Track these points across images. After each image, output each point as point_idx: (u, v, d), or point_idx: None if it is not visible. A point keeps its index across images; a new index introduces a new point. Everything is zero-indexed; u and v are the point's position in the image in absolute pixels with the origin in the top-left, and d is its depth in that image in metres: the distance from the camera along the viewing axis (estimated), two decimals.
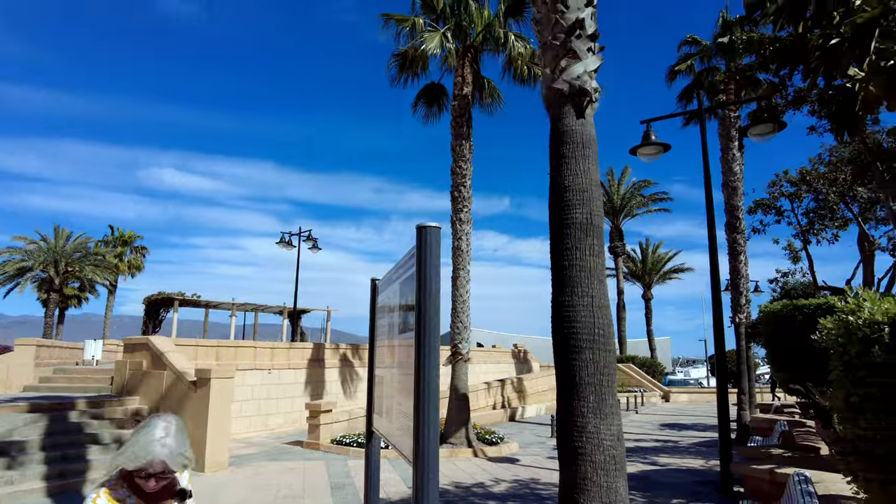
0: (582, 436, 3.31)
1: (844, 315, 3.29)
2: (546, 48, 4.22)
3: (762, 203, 15.09)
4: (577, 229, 3.65)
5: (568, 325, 3.53)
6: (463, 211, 15.00)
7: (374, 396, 4.46)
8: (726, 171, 17.03)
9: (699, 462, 12.73)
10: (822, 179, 13.44)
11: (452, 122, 15.52)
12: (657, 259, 44.64)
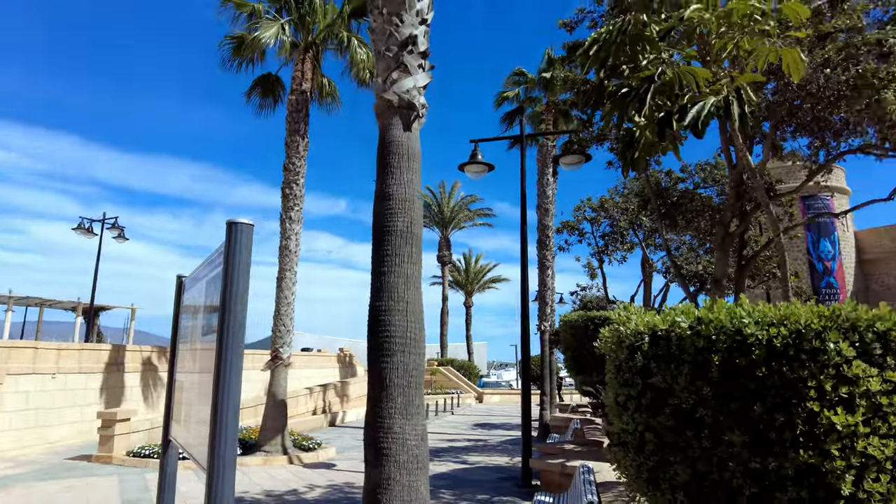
0: (388, 436, 3.42)
1: (617, 326, 3.84)
2: (380, 58, 4.32)
3: (568, 225, 16.97)
4: (397, 237, 3.79)
5: (383, 330, 3.64)
6: (294, 209, 14.56)
7: (174, 403, 4.13)
8: (541, 194, 18.79)
9: (505, 459, 13.71)
10: (616, 208, 15.56)
11: (288, 116, 15.02)
12: (479, 269, 47.53)
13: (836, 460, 2.90)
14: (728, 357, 3.21)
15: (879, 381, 2.96)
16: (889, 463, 2.93)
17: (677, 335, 3.38)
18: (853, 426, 2.92)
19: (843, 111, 6.94)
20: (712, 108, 4.55)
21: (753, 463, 3.13)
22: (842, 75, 6.38)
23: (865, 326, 3.02)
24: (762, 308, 3.27)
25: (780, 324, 3.11)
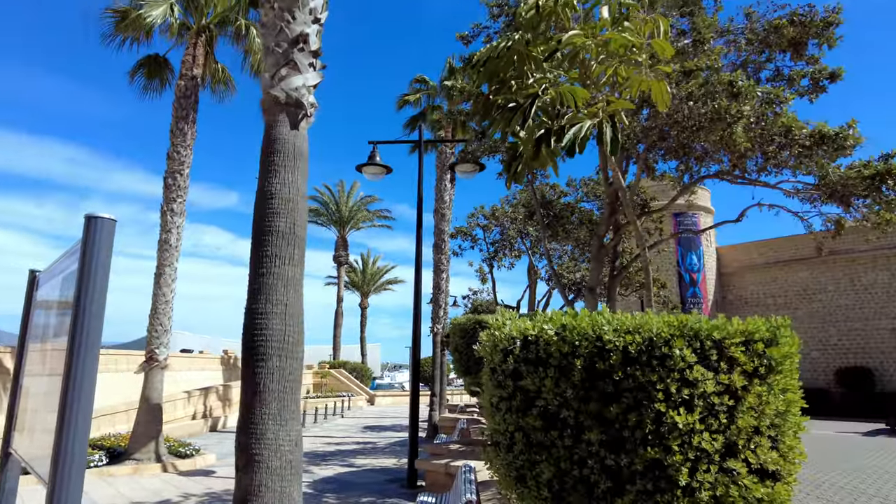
0: (260, 443, 3.33)
1: (493, 330, 4.01)
2: (269, 53, 4.20)
3: (461, 231, 17.40)
4: (279, 238, 3.70)
5: (259, 333, 3.54)
6: (176, 201, 13.69)
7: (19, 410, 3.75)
8: (439, 199, 19.10)
9: (392, 461, 13.74)
10: (506, 217, 16.19)
11: (176, 102, 14.11)
12: (376, 271, 47.29)
13: (675, 455, 3.24)
14: (589, 362, 3.47)
15: (714, 383, 3.34)
16: (717, 455, 3.31)
17: (545, 340, 3.60)
18: (691, 424, 3.27)
19: (703, 140, 7.77)
20: (588, 130, 4.88)
21: (609, 460, 3.41)
22: (702, 109, 7.15)
23: (705, 335, 3.39)
24: (621, 317, 3.58)
25: (636, 331, 3.42)
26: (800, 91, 9.03)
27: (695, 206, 27.01)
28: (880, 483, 9.36)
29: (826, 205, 9.19)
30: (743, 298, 28.04)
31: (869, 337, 24.60)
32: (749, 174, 9.07)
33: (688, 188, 10.37)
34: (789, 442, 3.68)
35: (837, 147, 7.68)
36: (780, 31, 8.51)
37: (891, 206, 8.15)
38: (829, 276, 25.85)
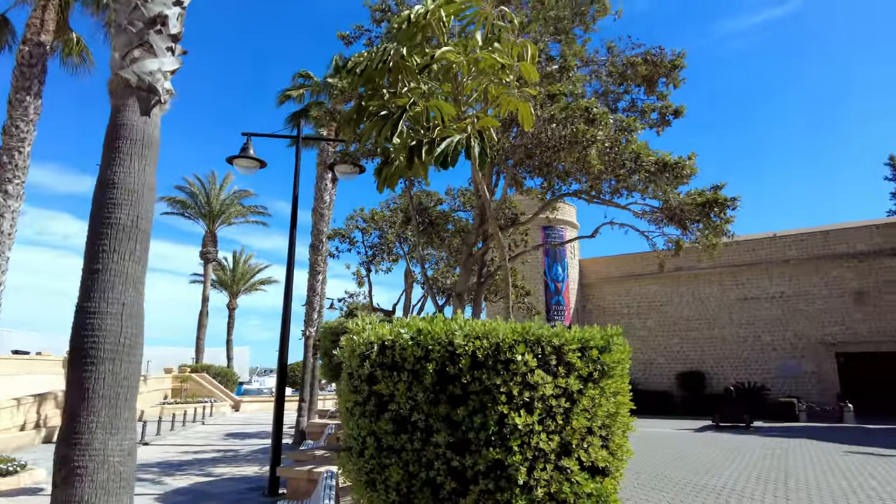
0: (85, 454, 3.04)
1: (352, 335, 4.02)
2: (121, 31, 3.88)
3: (339, 232, 17.17)
4: (119, 231, 3.41)
5: (90, 334, 3.24)
6: (13, 182, 12.13)
7: None
8: (318, 198, 18.66)
9: (254, 469, 13.14)
10: (385, 221, 16.24)
11: (17, 70, 12.52)
12: (248, 269, 45.06)
13: (516, 455, 3.45)
14: (441, 366, 3.60)
15: (553, 386, 3.61)
16: (553, 455, 3.58)
17: (401, 345, 3.68)
18: (531, 425, 3.51)
19: (563, 160, 8.40)
20: (459, 144, 5.03)
21: (455, 461, 3.55)
22: (562, 131, 7.75)
23: (546, 341, 3.66)
24: (472, 323, 3.75)
25: (484, 337, 3.60)
26: (650, 123, 10.12)
27: (561, 221, 28.94)
28: (701, 473, 10.59)
29: (668, 226, 10.35)
30: (601, 307, 30.46)
31: (704, 344, 27.83)
32: (604, 195, 9.96)
33: (549, 204, 11.11)
34: (618, 440, 4.07)
35: (677, 175, 8.72)
36: (635, 68, 9.48)
37: (717, 231, 9.39)
38: (675, 290, 28.91)
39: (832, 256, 25.79)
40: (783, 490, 8.97)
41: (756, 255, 27.45)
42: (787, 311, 26.33)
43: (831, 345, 25.26)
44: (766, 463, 11.66)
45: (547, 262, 28.87)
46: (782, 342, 26.23)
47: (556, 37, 9.58)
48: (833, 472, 10.51)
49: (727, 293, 27.76)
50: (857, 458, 12.30)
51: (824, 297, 25.73)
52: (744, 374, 26.60)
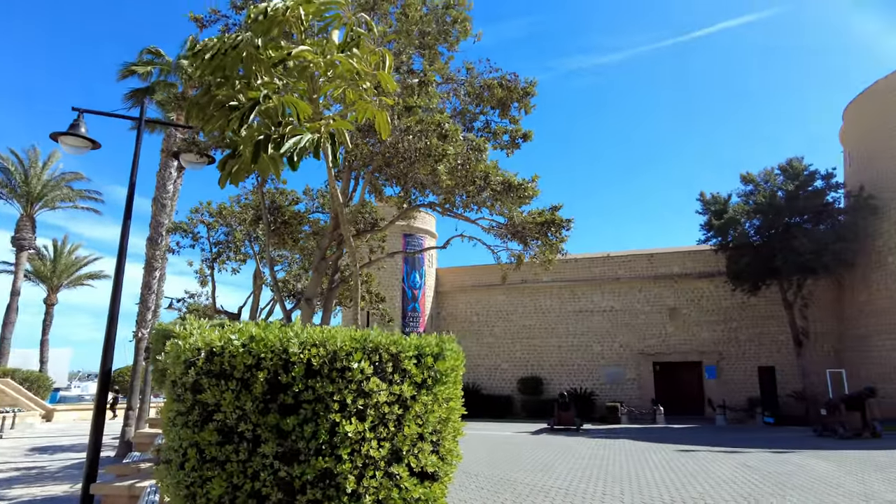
0: None
1: (178, 340, 3.74)
2: None
3: (182, 226, 15.89)
4: None
5: None
6: None
7: None
8: (160, 187, 17.13)
9: (64, 488, 11.65)
10: (234, 217, 15.35)
11: None
12: (72, 261, 39.92)
13: (345, 463, 3.45)
14: (273, 374, 3.49)
15: (387, 394, 3.66)
16: (383, 462, 3.64)
17: (230, 352, 3.50)
18: (362, 433, 3.53)
19: (418, 172, 8.64)
20: (308, 144, 4.94)
21: (283, 471, 3.45)
22: (417, 143, 7.96)
23: (384, 349, 3.71)
24: (309, 330, 3.68)
25: (321, 345, 3.56)
26: (501, 144, 10.77)
27: (421, 230, 29.65)
28: (536, 473, 11.37)
29: (512, 242, 11.06)
30: (454, 315, 31.57)
31: (542, 352, 30.02)
32: (456, 208, 10.39)
33: (405, 213, 11.33)
34: (449, 445, 4.23)
35: (521, 195, 9.38)
36: (492, 90, 10.04)
37: (553, 248, 10.24)
38: (520, 300, 30.88)
39: (654, 277, 29.26)
40: (602, 485, 9.93)
41: (591, 272, 30.25)
42: (615, 324, 29.31)
43: (650, 355, 28.57)
44: (592, 462, 12.83)
45: (406, 270, 29.27)
46: (610, 352, 29.12)
47: (420, 51, 9.82)
48: (644, 467, 11.86)
49: (565, 305, 30.23)
50: (664, 454, 14.00)
51: (646, 313, 29.07)
52: (577, 380, 29.07)
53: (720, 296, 28.17)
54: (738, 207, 24.61)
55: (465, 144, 8.62)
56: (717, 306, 28.27)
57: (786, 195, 23.69)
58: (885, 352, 22.69)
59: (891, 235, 23.06)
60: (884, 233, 23.35)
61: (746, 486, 9.52)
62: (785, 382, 26.60)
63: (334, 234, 10.16)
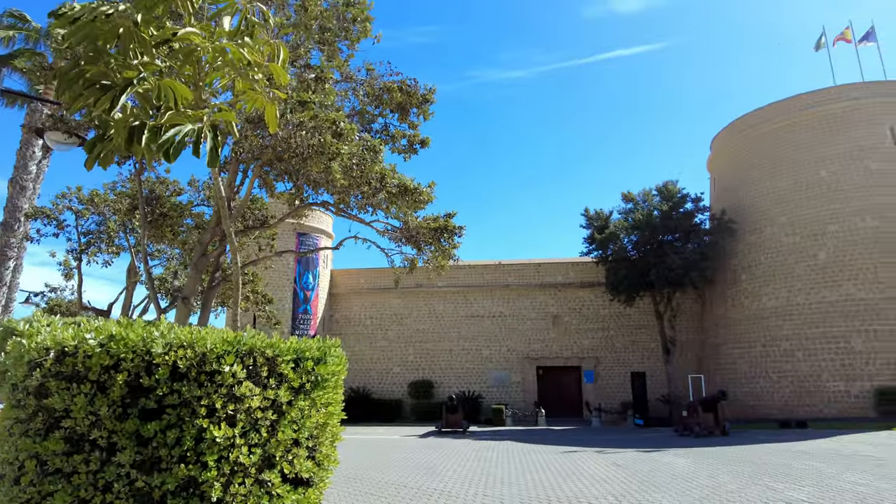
0: None
1: (21, 339, 3.35)
2: None
3: (44, 211, 14.32)
4: None
5: None
6: None
7: None
8: (20, 167, 15.35)
9: None
10: (107, 205, 14.07)
11: None
12: None
13: (211, 470, 3.26)
14: (134, 377, 3.23)
15: (261, 398, 3.52)
16: (254, 468, 3.49)
17: (85, 353, 3.20)
18: (231, 438, 3.36)
19: (310, 169, 8.44)
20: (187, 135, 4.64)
21: (140, 481, 3.20)
22: (310, 139, 7.77)
23: (259, 352, 3.57)
24: (178, 330, 3.46)
25: (190, 346, 3.35)
26: (399, 148, 10.79)
27: (317, 230, 28.92)
28: (420, 476, 11.43)
29: (406, 246, 11.11)
30: (348, 318, 31.09)
31: (435, 355, 30.41)
32: (351, 209, 10.25)
33: (295, 211, 11.01)
34: (326, 451, 4.15)
35: (416, 199, 9.46)
36: (391, 94, 10.03)
37: (445, 254, 10.42)
38: (415, 304, 31.09)
39: (541, 285, 30.69)
40: (483, 487, 10.19)
41: (484, 278, 31.16)
42: (503, 330, 30.36)
43: (534, 359, 29.87)
44: (476, 464, 13.13)
45: (298, 270, 28.37)
46: (498, 356, 30.09)
47: (320, 46, 9.58)
48: (525, 468, 12.33)
49: (458, 310, 30.87)
50: (544, 455, 14.65)
51: (532, 319, 30.39)
52: (466, 383, 29.73)
53: (599, 305, 30.13)
54: (618, 224, 26.49)
55: (360, 144, 8.53)
56: (597, 315, 30.21)
57: (661, 215, 25.86)
58: (734, 359, 25.39)
59: (744, 256, 25.87)
60: (738, 253, 26.15)
61: (616, 483, 10.21)
62: (654, 387, 28.95)
63: (217, 229, 9.58)
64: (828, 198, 23.65)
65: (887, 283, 21.79)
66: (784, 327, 23.57)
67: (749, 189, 26.51)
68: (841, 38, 26.40)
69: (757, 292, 24.90)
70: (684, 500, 8.63)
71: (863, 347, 21.57)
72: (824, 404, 21.83)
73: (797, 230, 24.12)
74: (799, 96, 25.79)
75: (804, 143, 24.95)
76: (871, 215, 22.74)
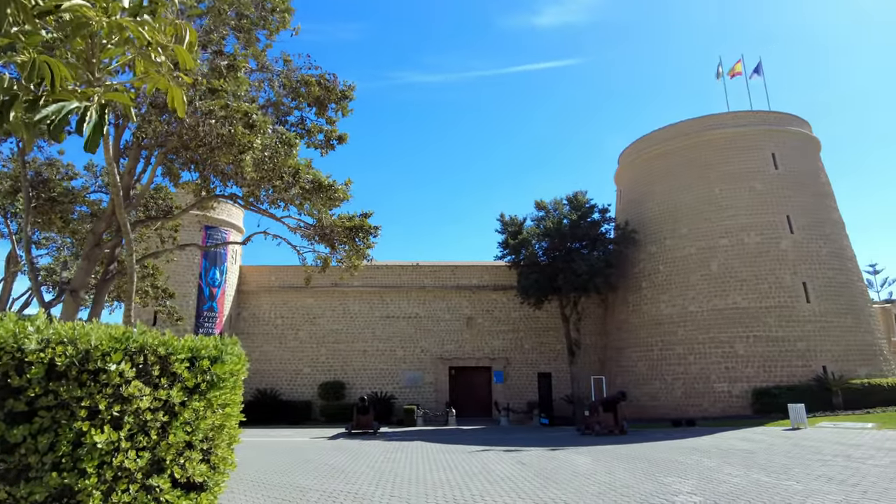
0: None
1: None
2: None
3: None
4: None
5: None
6: None
7: None
8: None
9: None
10: None
11: None
12: None
13: (90, 478, 3.02)
14: (2, 376, 2.93)
15: (151, 399, 3.31)
16: (141, 474, 3.27)
17: None
18: (116, 442, 3.13)
19: (219, 160, 8.04)
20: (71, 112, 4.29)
21: (2, 492, 2.91)
22: (220, 129, 7.41)
23: (151, 350, 3.35)
24: (58, 326, 3.18)
25: (71, 343, 3.09)
26: (316, 143, 10.52)
27: (226, 223, 27.62)
28: (327, 478, 11.21)
29: (319, 244, 10.83)
30: (257, 317, 29.93)
31: (348, 356, 29.96)
32: (262, 203, 9.86)
33: (201, 202, 10.44)
34: (222, 453, 3.96)
35: (331, 197, 9.25)
36: (309, 87, 9.76)
37: (360, 254, 10.28)
38: (329, 304, 30.48)
39: (456, 287, 31.10)
40: (391, 488, 10.14)
41: (400, 279, 31.12)
42: (418, 330, 30.46)
43: (447, 360, 30.19)
44: (385, 465, 13.04)
45: (205, 265, 26.97)
46: (412, 357, 30.14)
47: (236, 33, 9.15)
48: (433, 468, 12.41)
49: (374, 311, 30.62)
50: (452, 455, 14.81)
51: (447, 320, 30.72)
52: (379, 384, 29.53)
53: (511, 307, 30.98)
54: (531, 230, 27.39)
55: (274, 137, 8.21)
56: (508, 317, 31.04)
57: (570, 223, 27.01)
58: (634, 362, 26.95)
59: (645, 265, 27.54)
60: (640, 262, 27.80)
61: (520, 481, 10.51)
62: (560, 387, 30.13)
63: (113, 217, 8.85)
64: (720, 214, 25.68)
65: (765, 293, 23.96)
66: (679, 332, 25.29)
67: (651, 202, 28.26)
68: (734, 73, 28.80)
69: (655, 299, 26.56)
70: (583, 495, 9.04)
71: (744, 351, 23.57)
72: (710, 404, 23.63)
73: (693, 242, 25.99)
74: (697, 119, 27.85)
75: (701, 163, 26.95)
76: (755, 231, 24.93)
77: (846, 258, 25.60)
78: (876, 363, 23.87)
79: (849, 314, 24.15)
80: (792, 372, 22.78)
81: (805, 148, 27.24)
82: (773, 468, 10.88)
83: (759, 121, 27.09)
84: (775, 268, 24.23)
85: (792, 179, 25.85)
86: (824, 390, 21.55)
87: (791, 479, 9.71)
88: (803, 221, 25.06)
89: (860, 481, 9.28)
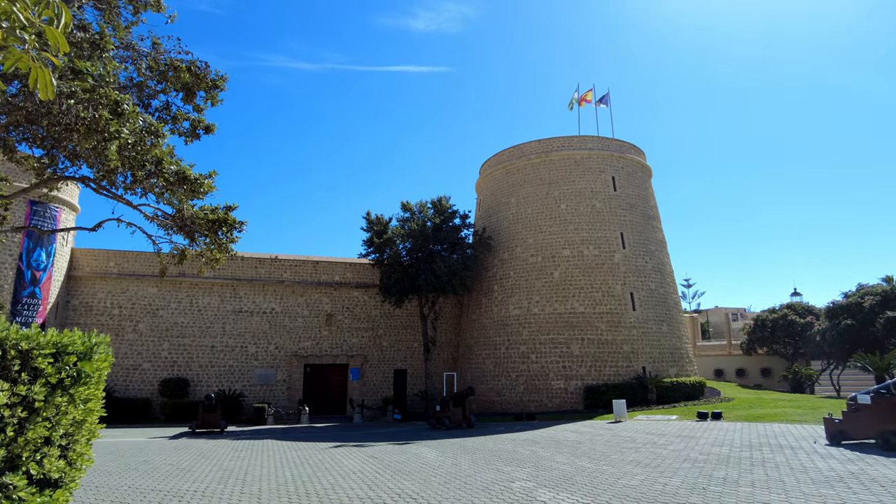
0: None
1: None
2: None
3: None
4: None
5: None
6: None
7: None
8: None
9: None
10: None
11: None
12: None
13: None
14: None
15: (9, 394, 3.24)
16: None
17: None
18: None
19: (76, 143, 7.42)
20: None
21: None
22: (82, 112, 6.86)
23: (11, 344, 3.28)
24: None
25: None
26: (180, 131, 10.02)
27: (58, 200, 24.58)
28: (169, 479, 10.73)
29: (177, 235, 10.34)
30: (89, 305, 27.02)
31: (193, 352, 28.21)
32: (116, 188, 9.19)
33: (48, 182, 9.45)
34: (81, 449, 3.92)
35: (194, 190, 8.92)
36: (178, 72, 9.28)
37: (222, 247, 9.99)
38: (174, 295, 28.44)
39: (317, 283, 30.75)
40: (241, 486, 10.04)
41: (257, 272, 30.03)
42: (273, 327, 29.63)
43: (303, 357, 29.75)
44: (232, 464, 12.74)
45: (27, 245, 23.80)
46: (265, 353, 29.23)
47: (98, 5, 8.41)
48: (283, 465, 12.40)
49: (225, 304, 29.21)
50: (303, 452, 14.84)
51: (304, 317, 30.25)
52: (228, 381, 28.24)
53: (371, 305, 31.38)
54: (395, 230, 28.04)
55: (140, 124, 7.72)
56: (368, 315, 31.40)
57: (433, 226, 28.10)
58: (483, 359, 28.76)
59: (498, 270, 29.50)
60: (493, 267, 29.73)
61: (370, 474, 10.96)
62: (415, 383, 31.12)
63: None
64: (564, 227, 28.33)
65: (599, 301, 26.93)
66: (523, 333, 27.47)
67: (505, 212, 30.36)
68: (584, 100, 31.95)
69: (505, 302, 28.58)
70: (430, 485, 9.74)
71: (579, 352, 26.28)
72: (548, 399, 26.00)
73: (540, 252, 28.37)
74: (550, 139, 30.44)
75: (548, 180, 29.52)
76: (593, 245, 27.89)
77: (666, 273, 29.58)
78: (683, 364, 27.91)
79: (665, 322, 27.96)
80: (618, 371, 25.85)
81: (639, 174, 31.01)
82: (594, 456, 12.52)
83: (603, 146, 30.32)
84: (608, 278, 27.31)
85: (627, 201, 29.30)
86: (643, 388, 24.77)
87: (609, 464, 11.30)
88: (633, 238, 28.52)
89: (660, 463, 11.10)
